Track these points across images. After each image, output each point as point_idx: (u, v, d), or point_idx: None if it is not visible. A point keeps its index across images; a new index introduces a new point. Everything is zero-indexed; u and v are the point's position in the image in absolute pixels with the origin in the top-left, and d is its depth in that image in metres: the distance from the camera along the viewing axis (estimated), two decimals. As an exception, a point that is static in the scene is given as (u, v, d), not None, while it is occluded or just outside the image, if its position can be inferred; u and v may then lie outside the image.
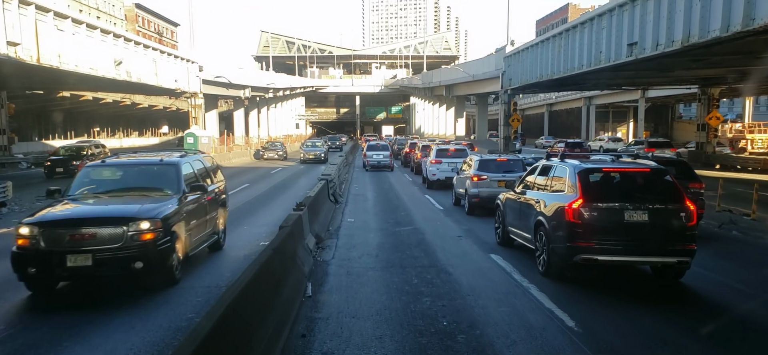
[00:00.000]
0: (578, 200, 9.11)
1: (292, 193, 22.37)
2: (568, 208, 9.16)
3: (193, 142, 36.63)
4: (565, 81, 30.65)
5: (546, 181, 10.60)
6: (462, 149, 25.25)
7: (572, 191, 9.34)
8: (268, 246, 7.15)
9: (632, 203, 8.86)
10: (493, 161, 17.46)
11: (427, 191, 23.43)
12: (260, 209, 18.30)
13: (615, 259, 8.93)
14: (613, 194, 9.26)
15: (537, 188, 10.84)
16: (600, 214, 8.88)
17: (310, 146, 43.33)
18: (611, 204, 8.94)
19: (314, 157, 40.17)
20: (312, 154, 40.61)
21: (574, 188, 9.36)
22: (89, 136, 77.65)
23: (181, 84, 36.58)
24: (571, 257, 9.01)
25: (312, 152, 41.03)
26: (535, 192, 10.78)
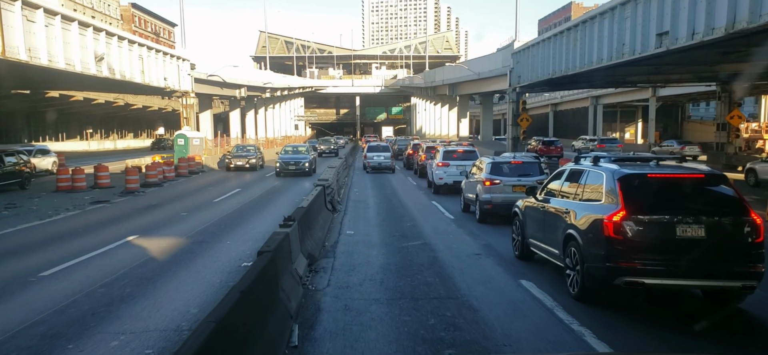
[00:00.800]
0: (620, 212, 7.63)
1: (286, 199, 20.43)
2: (608, 221, 7.68)
3: (183, 143, 34.68)
4: (580, 78, 28.69)
5: (576, 188, 9.06)
6: (471, 151, 23.33)
7: (611, 201, 7.84)
8: (234, 289, 5.19)
9: (685, 216, 7.42)
10: (506, 164, 15.52)
11: (433, 197, 21.48)
12: (249, 218, 16.34)
13: (665, 282, 7.49)
14: (662, 204, 7.72)
15: (565, 196, 9.30)
16: (646, 228, 7.48)
17: (291, 153, 31.42)
18: (660, 217, 7.51)
19: (296, 168, 29.32)
20: (292, 166, 29.33)
21: (613, 197, 7.84)
22: (82, 138, 75.96)
23: (172, 82, 34.62)
24: (611, 280, 7.58)
25: (292, 163, 29.47)
26: (563, 201, 9.24)
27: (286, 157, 30.18)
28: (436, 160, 23.18)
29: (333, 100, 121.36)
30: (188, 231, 14.01)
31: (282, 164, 29.43)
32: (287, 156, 30.65)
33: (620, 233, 7.54)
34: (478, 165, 16.60)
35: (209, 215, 17.15)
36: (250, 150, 35.71)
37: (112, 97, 65.30)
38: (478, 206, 15.33)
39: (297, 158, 30.04)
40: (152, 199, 21.51)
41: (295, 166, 29.32)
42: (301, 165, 29.49)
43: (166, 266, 10.23)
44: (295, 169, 29.31)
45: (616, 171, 8.29)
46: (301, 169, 29.42)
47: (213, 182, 27.88)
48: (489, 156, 16.65)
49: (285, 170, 29.24)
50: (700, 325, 7.00)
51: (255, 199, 21.00)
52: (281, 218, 9.49)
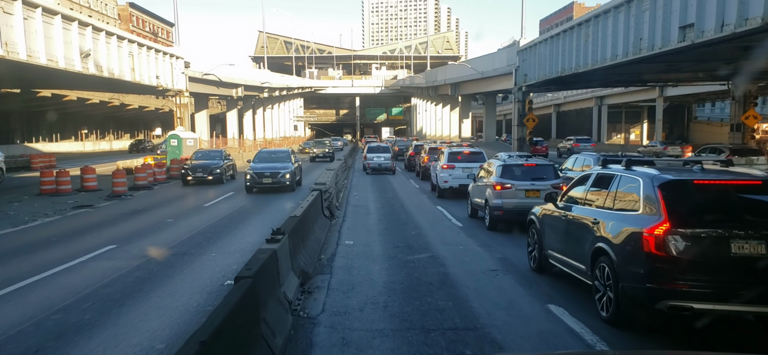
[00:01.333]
0: (663, 225, 6.56)
1: (288, 200, 19.13)
2: (648, 235, 6.61)
3: (177, 144, 33.36)
4: (590, 76, 27.42)
5: (605, 195, 7.92)
6: (477, 152, 22.05)
7: (651, 211, 6.79)
8: (194, 337, 3.91)
9: (742, 229, 6.39)
10: (518, 167, 14.25)
11: (438, 201, 20.19)
12: (241, 224, 15.07)
13: (718, 308, 6.39)
14: (713, 215, 6.65)
15: (591, 204, 8.17)
16: (695, 244, 6.42)
17: (266, 160, 23.66)
18: (711, 230, 6.44)
19: (272, 181, 22.13)
20: (267, 178, 22.16)
21: (653, 207, 6.78)
22: (77, 139, 74.65)
23: (164, 81, 33.35)
24: (652, 302, 6.56)
25: (267, 173, 22.26)
26: (589, 209, 8.12)
27: (260, 167, 22.59)
28: (440, 163, 21.91)
29: (332, 101, 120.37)
30: (171, 241, 12.73)
31: (253, 176, 22.07)
32: (260, 164, 22.96)
33: (663, 248, 6.46)
34: (486, 168, 15.34)
35: (197, 221, 15.87)
36: (214, 157, 26.94)
37: (107, 97, 64.05)
38: (487, 213, 14.08)
39: (274, 168, 22.45)
40: (139, 203, 20.24)
41: (272, 178, 21.94)
42: (280, 177, 22.08)
43: (138, 285, 8.95)
44: (272, 182, 21.96)
45: (655, 176, 7.14)
46: (279, 182, 22.05)
47: (205, 185, 26.58)
48: (499, 158, 15.37)
49: (257, 184, 22.07)
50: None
51: (247, 204, 19.72)
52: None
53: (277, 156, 24.51)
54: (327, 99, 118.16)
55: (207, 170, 25.55)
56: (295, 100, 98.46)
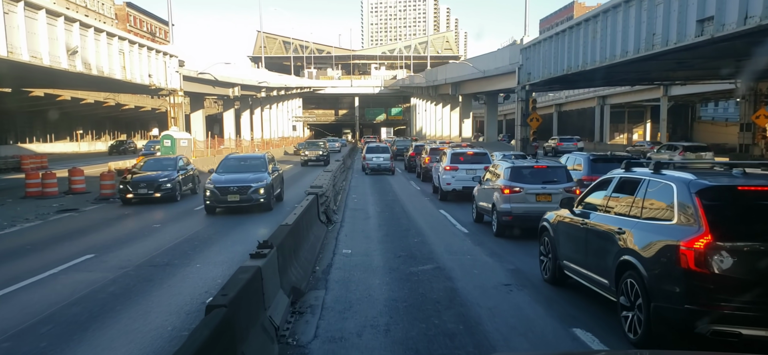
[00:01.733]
0: (704, 237, 5.71)
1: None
2: (686, 249, 5.78)
3: (170, 145, 32.36)
4: (597, 74, 26.49)
5: (630, 201, 7.05)
6: (481, 153, 21.13)
7: (688, 221, 5.95)
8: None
9: None
10: (528, 169, 13.29)
11: (440, 204, 19.25)
12: (233, 230, 14.11)
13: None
14: (761, 226, 5.87)
15: (614, 211, 7.31)
16: (742, 260, 5.61)
17: (233, 170, 18.10)
18: (760, 244, 5.64)
19: (240, 199, 16.65)
20: (234, 194, 16.66)
21: (691, 217, 5.95)
22: (72, 140, 73.66)
23: (157, 80, 32.37)
24: (691, 326, 5.70)
25: (234, 188, 16.75)
26: (612, 217, 7.27)
27: (224, 179, 16.98)
28: (442, 164, 20.96)
29: (331, 101, 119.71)
30: (154, 249, 11.77)
31: (214, 192, 16.46)
32: (226, 176, 17.33)
33: (705, 265, 5.65)
34: (493, 170, 14.37)
35: (186, 226, 14.93)
36: (166, 166, 20.81)
37: (102, 97, 63.04)
38: (495, 218, 13.13)
39: (243, 180, 16.84)
40: (127, 207, 19.28)
41: (240, 194, 16.46)
42: (252, 192, 16.52)
43: (109, 303, 7.98)
44: (240, 200, 16.46)
45: (691, 181, 6.25)
46: (250, 199, 16.50)
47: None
48: (507, 159, 14.39)
49: (221, 202, 16.50)
50: None
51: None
52: (276, 223, 7.24)
53: (248, 164, 18.70)
54: (326, 99, 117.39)
55: (152, 185, 19.24)
56: (294, 101, 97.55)
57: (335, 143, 61.84)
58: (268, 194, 16.94)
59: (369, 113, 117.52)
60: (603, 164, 16.59)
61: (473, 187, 19.83)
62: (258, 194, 16.66)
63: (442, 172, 20.55)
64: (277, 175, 19.26)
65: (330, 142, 58.26)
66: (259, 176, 17.30)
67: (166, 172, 20.16)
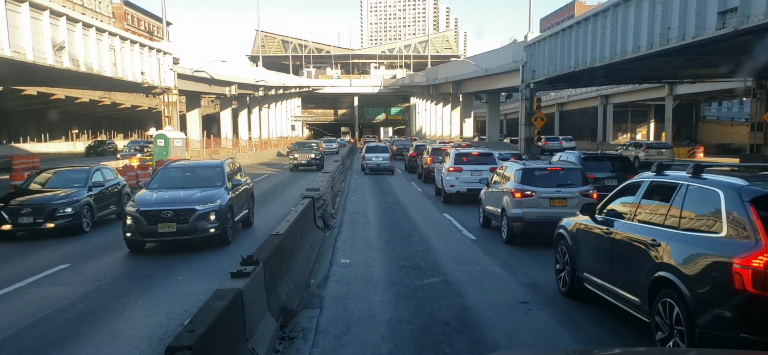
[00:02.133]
0: (763, 253, 4.86)
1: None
2: (741, 266, 4.92)
3: (164, 145, 31.38)
4: (605, 72, 25.55)
5: (665, 209, 6.16)
6: (487, 154, 20.20)
7: (741, 234, 5.10)
8: None
9: None
10: (541, 171, 12.34)
11: (444, 207, 18.30)
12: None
13: None
14: None
15: (645, 220, 6.45)
16: None
17: (170, 184, 12.56)
18: None
19: (176, 230, 10.98)
20: (166, 227, 10.96)
21: (745, 229, 5.08)
22: (67, 139, 72.69)
23: (151, 78, 31.40)
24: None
25: (170, 212, 11.05)
26: (642, 226, 6.41)
27: (154, 201, 11.51)
28: (446, 165, 20.02)
29: (331, 101, 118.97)
30: (136, 259, 10.84)
31: (138, 219, 11.09)
32: (159, 195, 11.90)
33: (766, 286, 4.81)
34: (502, 173, 13.40)
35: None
36: (73, 181, 14.69)
37: (98, 95, 62.12)
38: (505, 224, 12.18)
39: (182, 202, 11.49)
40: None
41: (176, 222, 11.06)
42: (195, 220, 11.14)
43: (75, 324, 7.02)
44: (176, 231, 11.09)
45: (743, 188, 5.38)
46: (194, 229, 11.14)
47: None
48: (518, 160, 13.42)
49: (148, 234, 11.21)
50: None
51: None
52: (233, 263, 6.28)
53: (196, 175, 13.29)
54: (325, 99, 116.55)
55: (42, 211, 13.06)
56: (293, 100, 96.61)
57: (332, 144, 57.91)
58: (222, 219, 11.53)
59: (368, 113, 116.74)
60: (594, 162, 17.05)
61: (478, 189, 18.93)
62: (205, 223, 11.24)
63: (446, 173, 19.62)
64: (243, 191, 13.75)
65: (327, 142, 55.63)
66: (208, 195, 11.81)
67: (68, 192, 13.80)
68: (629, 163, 18.29)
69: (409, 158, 34.07)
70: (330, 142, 58.32)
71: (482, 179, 18.92)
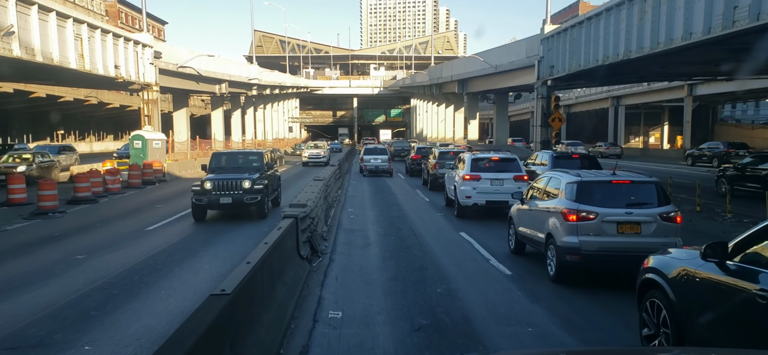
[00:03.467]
0: None
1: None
2: None
3: (141, 146, 28.33)
4: (645, 64, 22.47)
5: None
6: (510, 159, 17.10)
7: None
8: None
9: None
10: (603, 184, 9.09)
11: (459, 224, 15.20)
12: (188, 260, 10.07)
13: None
14: None
15: None
16: None
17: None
18: None
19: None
20: None
21: None
22: (52, 140, 69.50)
23: (127, 72, 28.27)
24: None
25: None
26: None
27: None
28: (460, 172, 16.92)
29: (329, 102, 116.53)
30: (57, 296, 7.78)
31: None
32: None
33: None
34: (543, 187, 10.22)
35: (123, 257, 10.90)
36: None
37: (83, 94, 59.07)
38: (554, 256, 9.05)
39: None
40: (64, 224, 15.24)
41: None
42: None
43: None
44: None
45: None
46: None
47: (165, 198, 21.53)
48: (567, 171, 10.25)
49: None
50: None
51: (211, 223, 14.66)
52: None
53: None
54: (324, 100, 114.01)
55: None
56: (291, 101, 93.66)
57: (326, 143, 52.91)
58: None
59: (368, 115, 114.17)
60: (564, 161, 18.28)
61: (501, 202, 15.89)
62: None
63: (460, 181, 16.51)
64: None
65: (330, 144, 53.38)
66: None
67: None
68: (597, 161, 18.89)
69: (411, 161, 32.23)
70: (333, 145, 55.29)
71: (504, 189, 15.89)
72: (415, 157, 31.61)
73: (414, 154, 32.39)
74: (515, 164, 16.81)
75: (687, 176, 27.92)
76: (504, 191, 15.93)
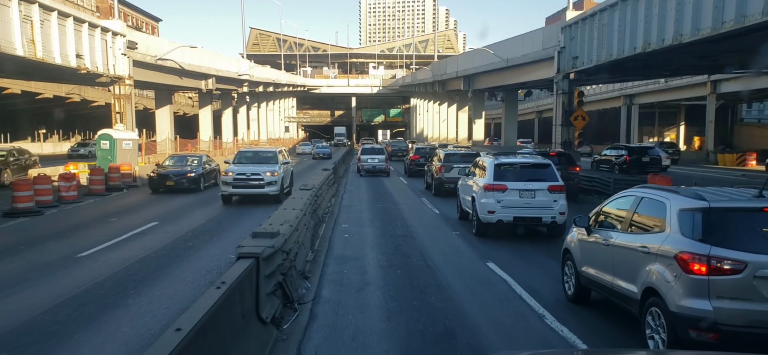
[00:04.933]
0: None
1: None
2: None
3: (109, 147, 24.93)
4: (681, 53, 19.16)
5: None
6: (542, 164, 13.74)
7: None
8: None
9: None
10: (750, 214, 5.62)
11: (482, 247, 11.87)
12: (122, 303, 6.72)
13: None
14: None
15: None
16: None
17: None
18: None
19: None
20: None
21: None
22: (34, 140, 65.90)
23: (93, 63, 24.88)
24: None
25: None
26: None
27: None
28: (479, 180, 13.61)
29: (327, 102, 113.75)
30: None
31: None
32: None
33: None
34: (627, 212, 6.86)
35: (16, 306, 7.54)
36: None
37: (64, 92, 55.65)
38: (662, 323, 5.67)
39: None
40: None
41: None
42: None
43: None
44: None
45: None
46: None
47: (126, 209, 18.17)
48: (677, 190, 6.79)
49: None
50: None
51: (161, 247, 11.29)
52: None
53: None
54: (321, 99, 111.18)
55: None
56: (288, 100, 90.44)
57: (304, 148, 55.64)
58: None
59: (366, 114, 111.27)
60: None
61: (532, 218, 12.60)
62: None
63: (481, 192, 13.17)
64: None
65: (317, 146, 51.13)
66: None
67: None
68: (572, 158, 19.55)
69: (410, 161, 31.82)
70: (319, 145, 53.07)
71: (535, 203, 12.59)
72: (414, 157, 31.23)
73: (412, 155, 32.06)
74: (550, 171, 13.43)
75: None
76: (537, 205, 12.65)
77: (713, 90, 42.67)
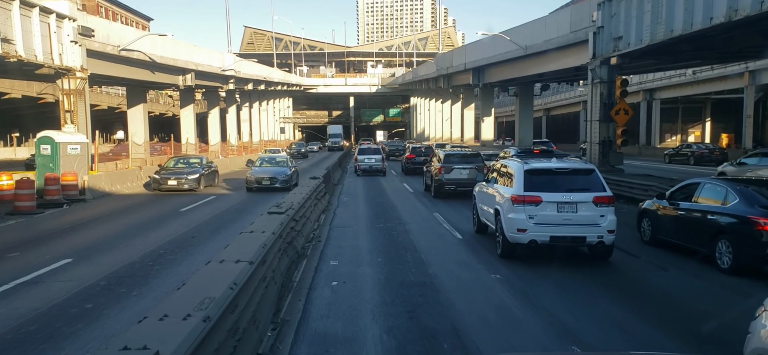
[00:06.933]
0: None
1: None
2: None
3: (50, 153, 20.46)
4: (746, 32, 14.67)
5: None
6: (586, 170, 9.59)
7: None
8: None
9: None
10: None
11: (516, 280, 7.51)
12: None
13: None
14: None
15: None
16: None
17: None
18: None
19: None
20: None
21: None
22: (6, 145, 61.48)
23: (27, 51, 20.41)
24: None
25: None
26: None
27: None
28: (505, 190, 9.45)
29: (324, 101, 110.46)
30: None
31: None
32: None
33: None
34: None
35: None
36: None
37: (35, 91, 51.21)
38: None
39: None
40: None
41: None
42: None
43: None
44: None
45: None
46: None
47: (50, 234, 13.71)
48: None
49: None
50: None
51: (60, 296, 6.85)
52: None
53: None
54: (318, 99, 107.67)
55: None
56: (283, 100, 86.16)
57: None
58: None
59: (365, 114, 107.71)
60: None
61: (573, 237, 8.69)
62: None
63: (508, 206, 9.04)
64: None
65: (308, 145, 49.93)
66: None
67: None
68: None
69: (407, 160, 33.28)
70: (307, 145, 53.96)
71: (579, 218, 8.44)
72: (410, 156, 32.87)
73: (408, 154, 33.70)
74: (594, 178, 9.33)
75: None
76: (579, 221, 8.81)
77: (751, 81, 38.20)
